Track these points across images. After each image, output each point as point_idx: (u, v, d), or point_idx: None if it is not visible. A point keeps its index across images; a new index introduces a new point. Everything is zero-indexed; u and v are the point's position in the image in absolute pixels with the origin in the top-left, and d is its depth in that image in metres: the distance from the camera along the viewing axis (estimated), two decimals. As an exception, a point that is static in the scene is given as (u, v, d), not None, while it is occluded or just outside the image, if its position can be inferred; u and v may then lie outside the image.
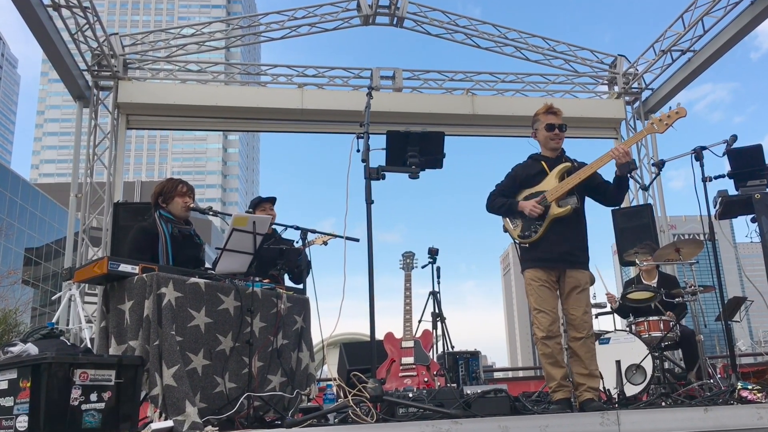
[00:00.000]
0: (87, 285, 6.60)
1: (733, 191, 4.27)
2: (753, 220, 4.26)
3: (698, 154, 4.03)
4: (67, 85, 7.70)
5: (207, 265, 3.92)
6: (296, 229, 4.18)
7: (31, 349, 2.85)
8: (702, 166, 4.02)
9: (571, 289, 3.55)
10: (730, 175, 4.29)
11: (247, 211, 4.73)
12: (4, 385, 2.72)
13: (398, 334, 5.47)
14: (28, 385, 2.61)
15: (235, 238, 3.43)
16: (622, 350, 4.71)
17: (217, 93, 8.42)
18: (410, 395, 3.52)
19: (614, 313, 5.54)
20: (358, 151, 3.42)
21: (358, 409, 3.00)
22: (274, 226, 4.56)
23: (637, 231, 7.22)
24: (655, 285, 5.39)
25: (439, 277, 5.89)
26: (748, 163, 4.30)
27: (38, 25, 6.53)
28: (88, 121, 7.94)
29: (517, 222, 3.72)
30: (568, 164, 3.70)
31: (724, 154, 4.15)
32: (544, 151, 3.81)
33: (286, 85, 8.71)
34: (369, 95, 3.76)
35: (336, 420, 3.14)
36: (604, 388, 4.07)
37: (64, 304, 6.51)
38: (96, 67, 7.89)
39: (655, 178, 7.51)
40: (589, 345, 3.50)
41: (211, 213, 4.09)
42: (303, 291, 4.11)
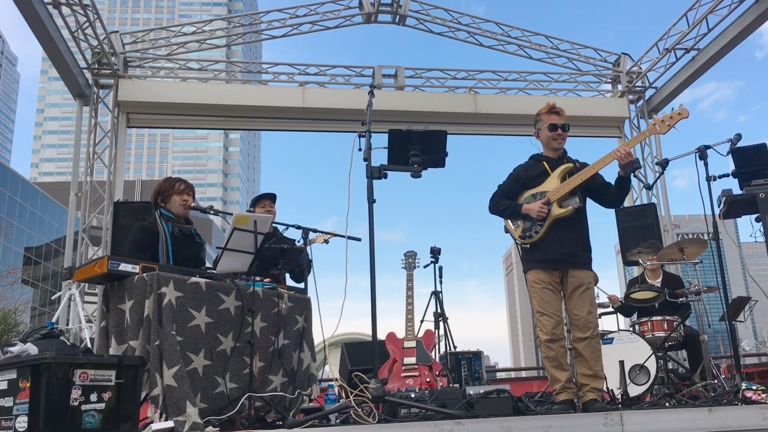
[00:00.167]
0: (87, 284, 6.58)
1: (737, 190, 4.26)
2: (757, 220, 4.24)
3: (702, 153, 4.01)
4: (67, 83, 7.68)
5: (208, 265, 3.90)
6: (297, 228, 4.18)
7: (31, 349, 2.85)
8: (706, 165, 4.00)
9: (575, 289, 3.52)
10: (735, 174, 4.27)
11: (248, 210, 4.71)
12: (3, 386, 2.71)
13: (400, 334, 5.47)
14: (28, 385, 2.59)
15: (236, 237, 3.42)
16: (625, 350, 4.69)
17: (218, 91, 8.39)
18: (412, 396, 3.52)
19: (617, 313, 5.52)
20: (360, 149, 3.41)
21: (359, 410, 2.99)
22: (276, 225, 4.55)
23: (640, 230, 7.19)
24: (660, 285, 5.37)
25: (441, 277, 5.91)
26: (753, 162, 4.28)
27: (38, 23, 6.50)
28: (88, 120, 7.92)
29: (518, 223, 3.70)
30: (570, 165, 3.68)
31: (728, 153, 4.14)
32: (546, 152, 3.78)
33: (287, 84, 8.67)
34: (371, 93, 3.75)
35: (337, 421, 3.14)
36: (607, 388, 4.05)
37: (64, 304, 6.50)
38: (96, 65, 7.86)
39: (659, 177, 7.48)
40: (594, 345, 3.47)
41: (211, 212, 4.08)
42: (304, 291, 4.09)
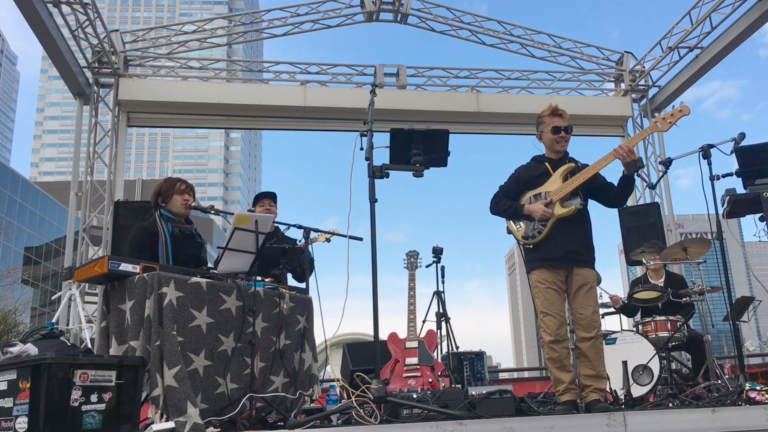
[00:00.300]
0: (87, 284, 6.57)
1: (741, 190, 4.26)
2: (761, 219, 4.24)
3: (706, 152, 4.00)
4: (67, 82, 7.66)
5: (209, 265, 3.89)
6: (299, 227, 4.16)
7: (31, 349, 2.83)
8: (710, 164, 3.99)
9: (579, 288, 3.51)
10: (738, 174, 4.26)
11: (249, 209, 4.70)
12: (3, 386, 2.69)
13: (402, 334, 5.46)
14: (28, 385, 2.58)
15: (237, 237, 3.40)
16: (628, 350, 4.67)
17: (219, 90, 8.37)
18: (414, 396, 3.53)
19: (620, 313, 5.50)
20: (362, 149, 3.40)
21: (361, 410, 2.98)
22: (277, 225, 4.53)
23: (643, 230, 7.17)
24: (663, 284, 5.35)
25: (443, 277, 5.90)
26: (757, 161, 4.27)
27: (38, 22, 6.49)
28: (89, 119, 7.91)
29: (520, 223, 3.69)
30: (572, 165, 3.67)
31: (732, 152, 4.12)
32: (548, 153, 3.77)
33: (288, 83, 8.66)
34: (372, 92, 3.73)
35: (339, 421, 3.13)
36: (610, 388, 4.04)
37: (64, 304, 6.49)
38: (96, 64, 7.85)
39: (662, 176, 7.45)
40: (598, 346, 3.46)
41: (212, 212, 4.07)
42: (306, 291, 4.08)
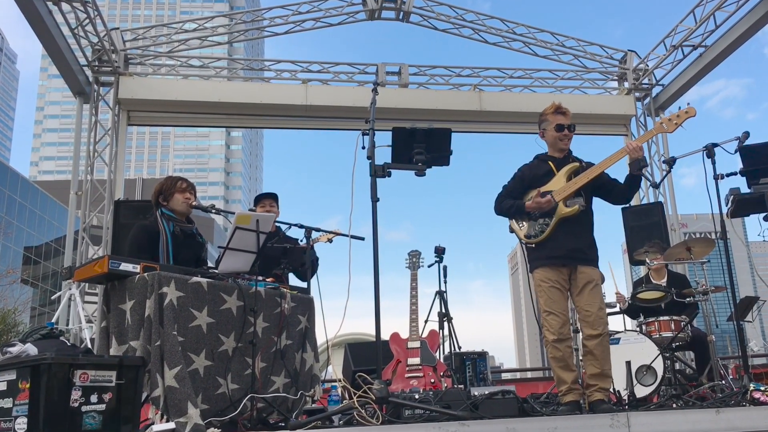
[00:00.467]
0: (87, 284, 6.55)
1: (745, 189, 4.25)
2: (765, 219, 4.24)
3: (710, 151, 3.98)
4: (67, 80, 7.64)
5: (210, 264, 3.87)
6: (300, 227, 4.14)
7: (31, 349, 2.82)
8: (714, 163, 3.98)
9: (584, 285, 3.48)
10: (743, 173, 4.26)
11: (250, 209, 4.68)
12: (2, 386, 2.68)
13: (404, 334, 5.45)
14: (28, 386, 2.57)
15: (238, 236, 3.39)
16: (632, 351, 4.65)
17: (220, 89, 8.34)
18: (416, 396, 3.52)
19: (623, 314, 5.48)
20: (364, 147, 3.38)
21: (363, 411, 2.97)
22: (278, 225, 4.51)
23: (647, 229, 7.15)
24: (665, 284, 5.33)
25: (445, 277, 5.89)
26: (761, 160, 4.26)
27: (38, 20, 6.46)
28: (89, 118, 7.88)
29: (523, 222, 3.67)
30: (576, 164, 3.65)
31: (736, 151, 4.12)
32: (551, 151, 3.75)
33: (290, 81, 8.63)
34: (374, 91, 3.71)
35: (341, 422, 3.12)
36: (614, 389, 4.02)
37: (64, 304, 6.47)
38: (96, 63, 7.82)
39: (666, 175, 7.43)
40: (605, 344, 3.44)
41: (213, 211, 4.05)
42: (307, 290, 4.06)
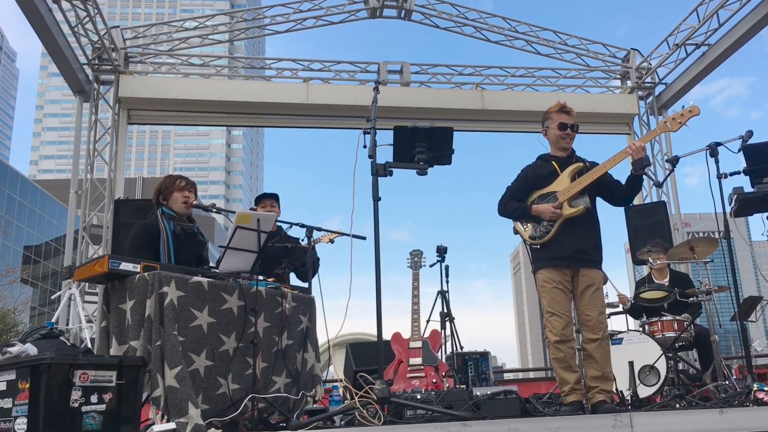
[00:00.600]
0: (87, 284, 6.54)
1: (748, 188, 4.24)
2: (769, 218, 4.19)
3: (713, 150, 3.96)
4: (67, 79, 7.61)
5: (211, 264, 3.85)
6: (301, 226, 4.13)
7: (30, 349, 2.81)
8: (717, 162, 3.96)
9: (585, 288, 3.48)
10: (746, 172, 4.25)
11: (251, 209, 4.66)
12: (2, 387, 2.67)
13: (406, 334, 5.45)
14: (27, 386, 2.56)
15: (239, 235, 3.37)
16: (635, 351, 4.65)
17: (221, 87, 8.32)
18: (418, 397, 3.51)
19: (626, 314, 5.46)
20: (365, 146, 3.38)
21: (364, 411, 2.97)
22: (279, 224, 4.49)
23: (650, 229, 7.12)
24: (668, 284, 5.32)
25: (447, 276, 5.87)
26: (765, 159, 4.26)
27: (37, 18, 6.43)
28: (89, 116, 7.85)
29: (527, 224, 3.66)
30: (580, 164, 3.65)
31: (739, 150, 4.10)
32: (554, 151, 3.75)
33: (291, 80, 8.60)
34: (376, 90, 3.71)
35: (342, 422, 3.12)
36: (616, 389, 4.02)
37: (64, 304, 6.45)
38: (96, 61, 7.80)
39: (669, 174, 7.41)
40: (604, 347, 3.44)
41: (214, 210, 4.03)
42: (308, 290, 4.04)
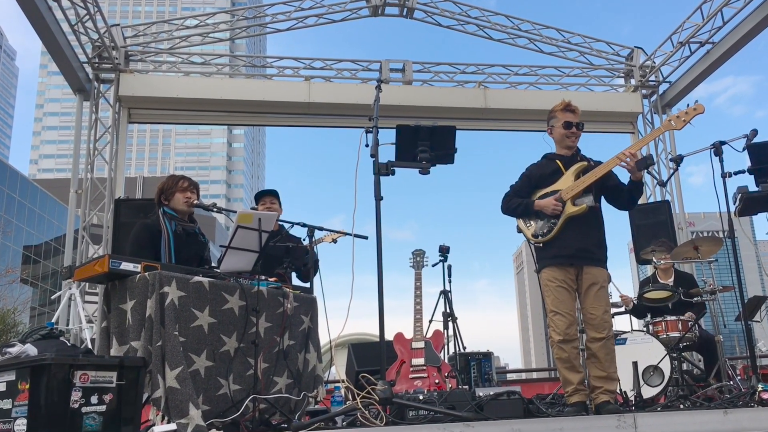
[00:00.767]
0: (87, 284, 6.52)
1: (753, 187, 4.21)
2: (774, 217, 4.17)
3: (717, 149, 3.94)
4: (67, 77, 7.60)
5: (212, 264, 3.84)
6: (303, 226, 4.11)
7: (30, 349, 2.79)
8: (721, 161, 3.93)
9: (590, 286, 3.46)
10: (751, 171, 4.22)
11: (253, 208, 4.64)
12: (2, 387, 2.65)
13: (408, 334, 5.43)
14: (27, 387, 2.54)
15: (240, 235, 3.35)
16: (639, 351, 4.64)
17: (222, 86, 8.31)
18: (421, 397, 3.50)
19: (630, 314, 5.45)
20: (367, 145, 3.37)
21: (366, 412, 2.97)
22: (281, 223, 4.48)
23: (654, 228, 7.11)
24: (672, 284, 5.30)
25: (450, 276, 5.85)
26: (770, 158, 4.19)
27: (37, 16, 6.43)
28: (89, 115, 7.85)
29: (530, 222, 3.65)
30: (584, 163, 3.64)
31: (744, 149, 4.08)
32: (558, 150, 3.74)
33: (292, 78, 8.59)
34: (378, 88, 3.71)
35: (344, 423, 3.13)
36: (620, 390, 3.99)
37: (64, 304, 6.44)
38: (97, 59, 7.79)
39: (673, 173, 7.40)
40: (609, 347, 3.42)
41: (215, 210, 4.01)
42: (310, 290, 4.03)
